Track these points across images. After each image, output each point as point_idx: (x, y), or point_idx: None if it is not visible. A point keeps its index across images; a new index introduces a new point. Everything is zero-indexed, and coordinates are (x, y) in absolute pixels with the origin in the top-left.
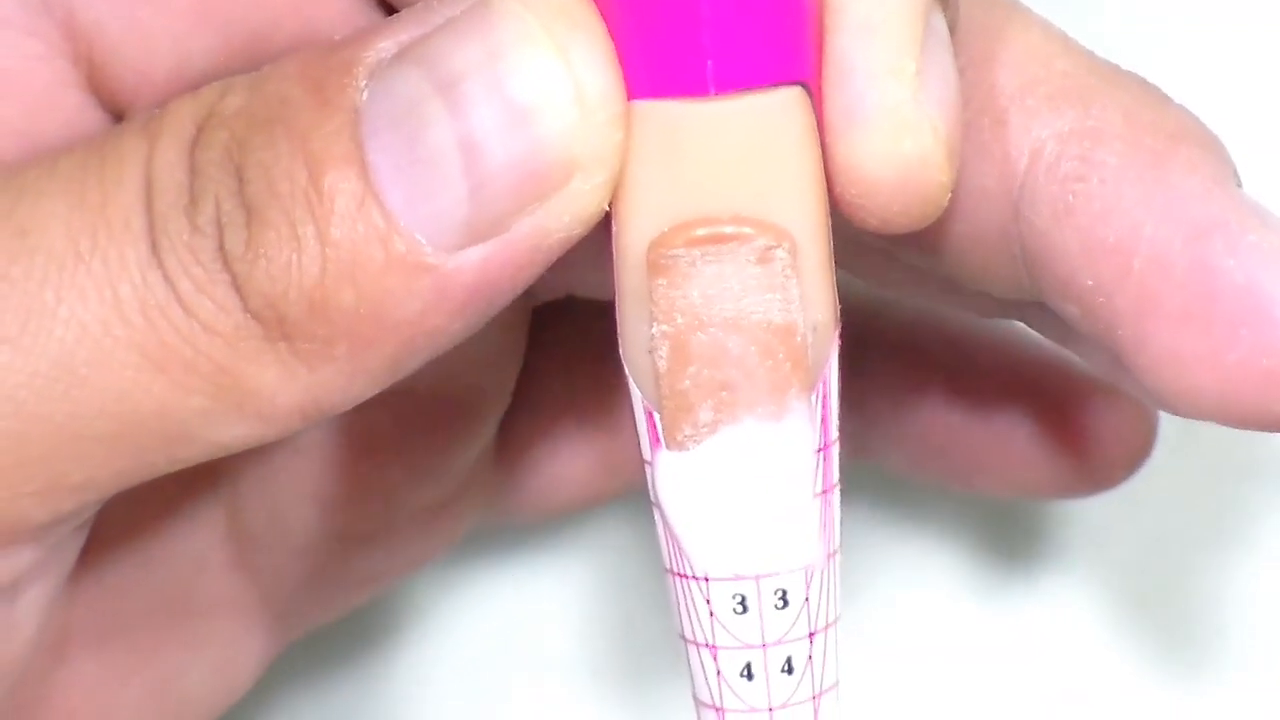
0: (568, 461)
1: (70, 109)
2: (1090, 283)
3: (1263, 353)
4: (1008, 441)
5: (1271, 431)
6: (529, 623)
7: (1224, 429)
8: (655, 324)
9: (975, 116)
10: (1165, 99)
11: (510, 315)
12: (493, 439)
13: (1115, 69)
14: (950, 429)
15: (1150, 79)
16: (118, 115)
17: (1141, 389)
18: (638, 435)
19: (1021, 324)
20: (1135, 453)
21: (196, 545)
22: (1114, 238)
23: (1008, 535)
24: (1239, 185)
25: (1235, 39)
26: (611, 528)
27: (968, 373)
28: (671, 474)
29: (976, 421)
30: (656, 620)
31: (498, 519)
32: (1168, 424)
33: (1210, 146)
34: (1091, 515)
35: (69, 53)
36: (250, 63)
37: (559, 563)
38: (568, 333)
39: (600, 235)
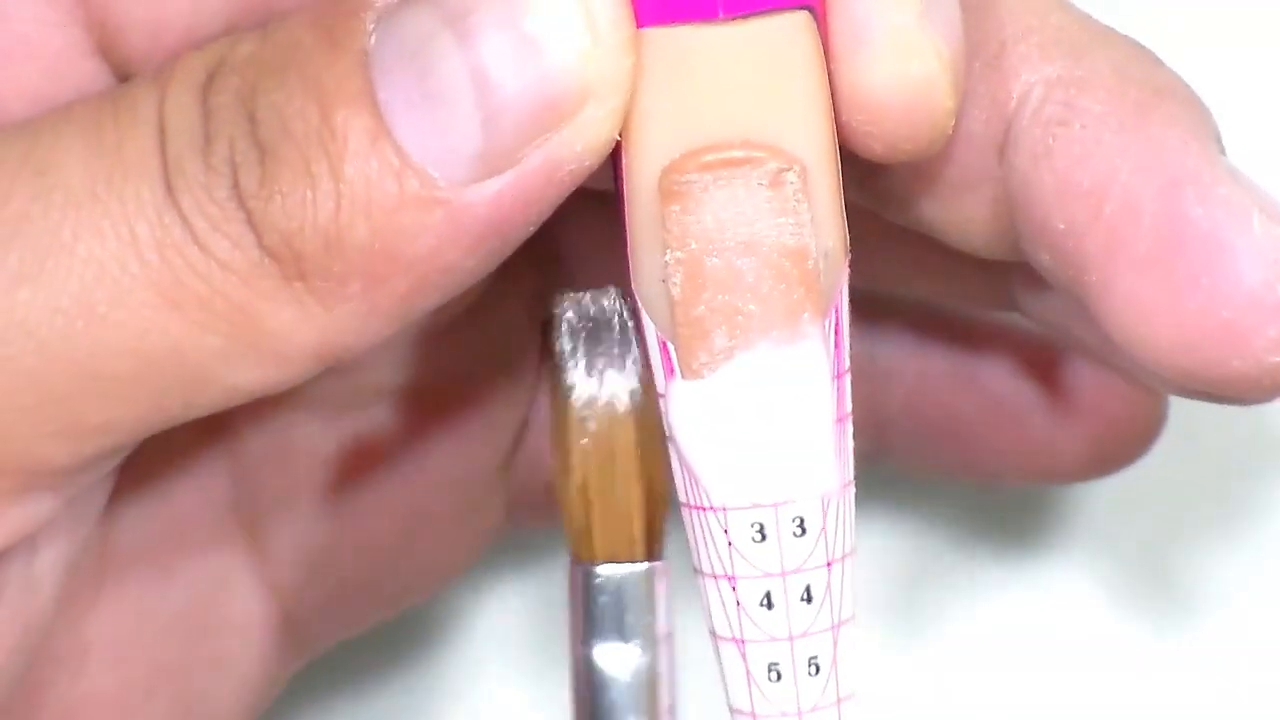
0: None
1: (84, 75)
2: (1062, 226)
3: (1222, 303)
4: (1018, 424)
5: (1225, 394)
6: (548, 630)
7: (1228, 417)
8: (669, 251)
9: (968, 59)
10: (1157, 60)
11: (521, 325)
12: (511, 451)
13: (1110, 29)
14: (961, 416)
15: None
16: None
17: (1107, 340)
18: (651, 370)
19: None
20: (1145, 430)
21: (218, 563)
22: (1088, 181)
23: (1010, 525)
24: (1221, 149)
25: (1235, 39)
26: None
27: (974, 357)
28: (687, 404)
29: (986, 406)
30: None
31: (515, 527)
32: (1172, 411)
33: (1194, 107)
34: (1095, 504)
35: (83, 19)
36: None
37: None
38: None
39: (603, 241)
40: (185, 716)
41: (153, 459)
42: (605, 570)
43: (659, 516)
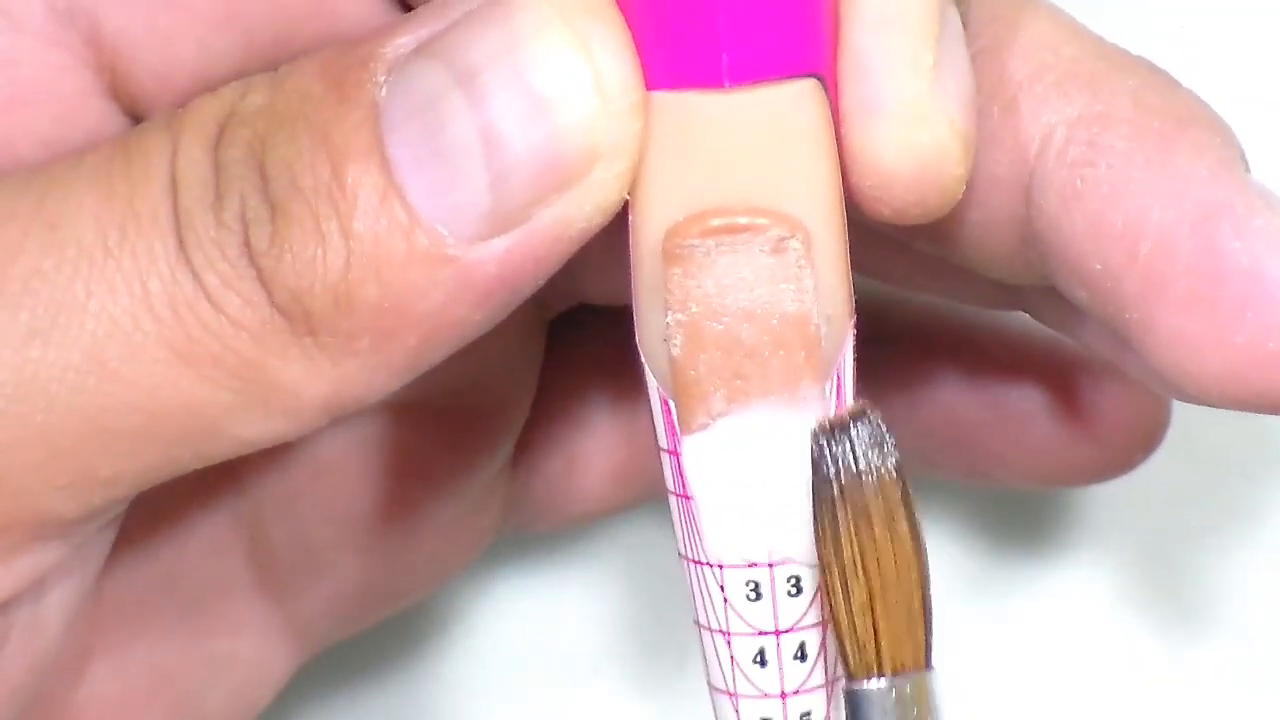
0: (582, 473)
1: (95, 117)
2: (1098, 266)
3: (1269, 335)
4: (1022, 429)
5: (1268, 412)
6: (549, 629)
7: (1229, 420)
8: (670, 312)
9: (985, 103)
10: (1173, 83)
11: (526, 327)
12: (510, 452)
13: (1124, 54)
14: (964, 421)
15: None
16: (140, 122)
17: (1149, 373)
18: (653, 422)
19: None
20: (1149, 434)
21: (218, 568)
22: (1121, 222)
23: (1013, 528)
24: (1246, 168)
25: (1235, 37)
26: (631, 532)
27: (979, 363)
28: (687, 460)
29: (990, 411)
30: (673, 622)
31: (515, 530)
32: (1175, 415)
33: (1217, 130)
34: (1098, 507)
35: (93, 62)
36: (271, 66)
37: (578, 568)
38: (580, 345)
39: (612, 239)
40: (186, 718)
41: None
42: (892, 682)
43: (931, 617)
